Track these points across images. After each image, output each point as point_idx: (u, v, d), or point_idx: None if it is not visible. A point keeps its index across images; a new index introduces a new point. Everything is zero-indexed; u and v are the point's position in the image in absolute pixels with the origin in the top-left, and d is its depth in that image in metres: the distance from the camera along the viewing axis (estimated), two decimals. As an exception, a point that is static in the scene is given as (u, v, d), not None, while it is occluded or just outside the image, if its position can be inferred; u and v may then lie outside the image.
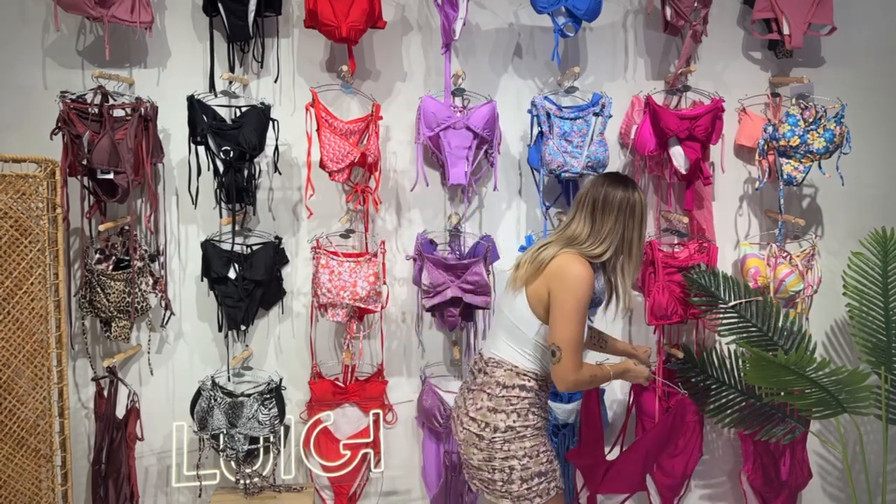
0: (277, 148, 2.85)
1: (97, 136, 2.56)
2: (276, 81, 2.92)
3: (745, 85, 3.07)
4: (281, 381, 2.85)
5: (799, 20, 2.86)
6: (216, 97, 2.83)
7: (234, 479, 2.78)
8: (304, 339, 2.97)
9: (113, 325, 2.70)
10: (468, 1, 2.61)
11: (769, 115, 3.07)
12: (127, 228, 2.74)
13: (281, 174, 2.91)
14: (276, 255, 2.84)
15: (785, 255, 2.89)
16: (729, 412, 2.80)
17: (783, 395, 2.61)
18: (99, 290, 2.65)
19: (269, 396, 2.76)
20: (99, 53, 2.84)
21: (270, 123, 2.74)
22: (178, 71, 2.89)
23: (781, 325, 2.66)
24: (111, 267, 2.71)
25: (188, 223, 2.91)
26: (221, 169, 2.67)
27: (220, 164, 2.66)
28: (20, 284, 2.55)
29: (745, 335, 2.72)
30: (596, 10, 2.70)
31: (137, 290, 2.69)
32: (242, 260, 2.77)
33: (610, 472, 2.54)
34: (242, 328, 2.80)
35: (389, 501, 3.04)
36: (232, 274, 2.74)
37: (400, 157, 2.99)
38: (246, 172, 2.71)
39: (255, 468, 2.79)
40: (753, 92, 3.07)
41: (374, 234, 2.96)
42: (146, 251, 2.77)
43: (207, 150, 2.67)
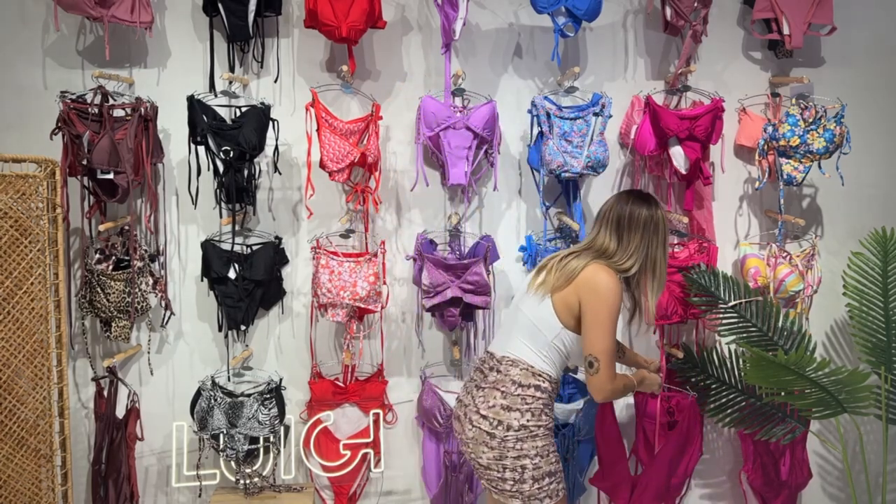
0: (277, 148, 2.85)
1: (97, 136, 2.56)
2: (276, 81, 2.92)
3: (745, 85, 3.08)
4: (281, 381, 2.84)
5: (799, 20, 2.86)
6: (216, 97, 2.83)
7: (234, 479, 2.78)
8: (304, 339, 2.97)
9: (113, 325, 2.70)
10: (468, 1, 2.61)
11: (769, 115, 3.07)
12: (127, 228, 2.74)
13: (281, 174, 2.91)
14: (276, 255, 2.84)
15: (785, 255, 2.89)
16: (729, 412, 2.80)
17: (783, 395, 2.61)
18: (99, 290, 2.65)
19: (269, 396, 2.76)
20: (99, 53, 2.84)
21: (270, 123, 2.74)
22: (178, 71, 2.88)
23: (781, 325, 2.66)
24: (111, 267, 2.71)
25: (188, 223, 2.91)
26: (221, 169, 2.67)
27: (220, 164, 2.66)
28: (20, 284, 2.55)
29: (745, 335, 2.72)
30: (596, 10, 2.70)
31: (137, 290, 2.69)
32: (242, 260, 2.77)
33: (637, 488, 2.57)
34: (242, 328, 2.80)
35: (389, 501, 3.04)
36: (232, 274, 2.74)
37: (400, 157, 2.99)
38: (246, 172, 2.71)
39: (255, 468, 2.79)
40: (753, 92, 3.07)
41: (374, 234, 2.96)
42: (146, 251, 2.77)
43: (207, 150, 2.67)
